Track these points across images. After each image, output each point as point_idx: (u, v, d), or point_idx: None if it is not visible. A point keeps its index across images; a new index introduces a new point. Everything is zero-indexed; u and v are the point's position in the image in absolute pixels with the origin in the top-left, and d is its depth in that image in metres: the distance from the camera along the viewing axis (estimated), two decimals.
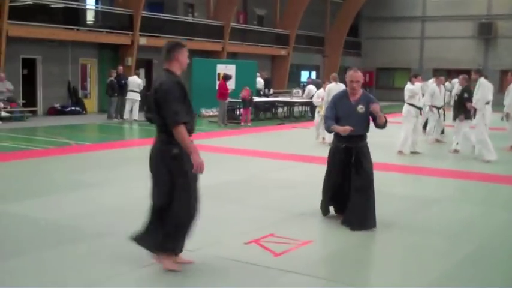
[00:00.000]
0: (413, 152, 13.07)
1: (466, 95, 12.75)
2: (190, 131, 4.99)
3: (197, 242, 5.83)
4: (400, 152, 12.92)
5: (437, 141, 15.13)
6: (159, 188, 5.15)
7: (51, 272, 5.11)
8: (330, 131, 6.95)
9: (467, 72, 35.29)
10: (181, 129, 4.85)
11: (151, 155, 5.18)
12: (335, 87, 13.05)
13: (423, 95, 14.44)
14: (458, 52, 39.13)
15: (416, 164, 11.80)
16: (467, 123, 12.79)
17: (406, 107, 13.11)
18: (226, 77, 20.20)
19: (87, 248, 5.77)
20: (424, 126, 15.55)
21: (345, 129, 6.53)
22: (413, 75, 13.63)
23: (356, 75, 6.75)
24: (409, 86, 13.13)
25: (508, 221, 7.36)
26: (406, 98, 13.10)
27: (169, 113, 4.87)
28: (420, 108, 13.26)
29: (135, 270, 5.16)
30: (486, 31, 38.22)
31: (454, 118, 13.12)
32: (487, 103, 12.28)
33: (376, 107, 6.56)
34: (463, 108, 12.76)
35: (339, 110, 6.79)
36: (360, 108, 6.66)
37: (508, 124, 14.08)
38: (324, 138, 14.30)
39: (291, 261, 5.37)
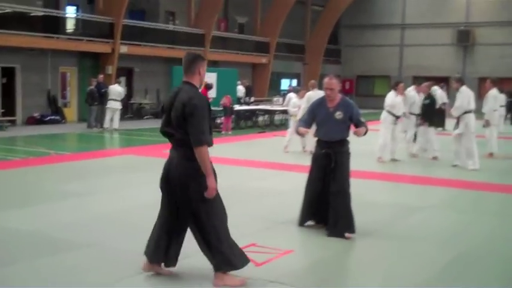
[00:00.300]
0: (393, 160, 13.18)
1: (427, 101, 13.67)
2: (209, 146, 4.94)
3: (182, 251, 5.83)
4: (380, 159, 13.02)
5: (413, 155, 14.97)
6: (181, 204, 5.03)
7: (43, 282, 5.08)
8: (297, 132, 7.24)
9: (446, 79, 35.60)
10: (205, 150, 4.78)
11: (170, 169, 5.01)
12: (314, 95, 13.09)
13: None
14: (437, 59, 39.54)
15: (396, 172, 11.90)
16: (432, 130, 13.63)
17: (384, 113, 13.23)
18: (208, 86, 20.18)
19: (78, 258, 5.74)
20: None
21: (300, 130, 6.92)
22: (395, 83, 13.51)
23: (330, 82, 6.84)
24: (391, 96, 13.15)
25: (491, 228, 7.43)
26: (386, 105, 13.20)
27: (196, 131, 4.76)
28: (398, 117, 13.29)
29: (127, 279, 5.14)
30: (465, 38, 38.68)
31: (419, 125, 13.86)
32: (469, 112, 12.26)
33: (360, 132, 6.74)
34: (427, 115, 13.62)
35: (317, 116, 6.92)
36: (338, 114, 6.74)
37: (488, 131, 14.23)
38: (304, 147, 14.35)
39: (273, 271, 5.38)
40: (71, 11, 25.82)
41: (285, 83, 37.97)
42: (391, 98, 13.11)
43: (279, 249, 6.03)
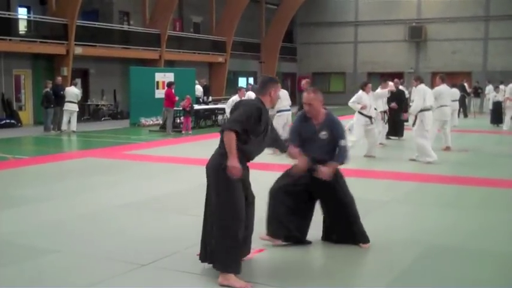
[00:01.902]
0: (368, 156, 13.29)
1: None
2: (248, 157, 5.25)
3: (149, 255, 5.82)
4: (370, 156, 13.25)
5: (381, 144, 15.26)
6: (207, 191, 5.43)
7: None
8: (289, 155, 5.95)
9: (401, 75, 36.22)
10: (231, 134, 4.99)
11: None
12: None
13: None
14: (391, 55, 40.22)
15: (365, 168, 12.05)
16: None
17: (356, 115, 13.15)
18: (170, 84, 20.11)
19: (44, 265, 5.63)
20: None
21: (291, 152, 5.78)
22: (364, 84, 13.46)
23: (307, 97, 6.03)
24: (361, 95, 13.09)
25: (452, 221, 7.60)
26: (357, 107, 13.08)
27: (231, 119, 5.11)
28: (370, 117, 13.19)
29: (98, 285, 5.10)
30: (417, 34, 39.39)
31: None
32: (426, 109, 12.47)
33: (325, 172, 5.90)
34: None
35: (302, 132, 6.13)
36: (323, 134, 6.04)
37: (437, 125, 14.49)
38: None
39: (246, 271, 5.40)
40: (22, 13, 25.34)
41: (242, 82, 38.02)
42: (359, 96, 13.09)
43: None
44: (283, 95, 13.62)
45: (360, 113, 13.02)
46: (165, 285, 5.15)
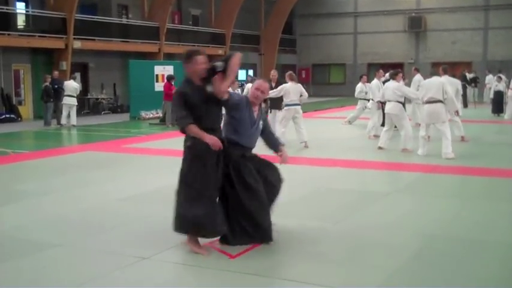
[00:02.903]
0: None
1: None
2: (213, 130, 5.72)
3: (151, 248, 5.80)
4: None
5: (375, 136, 15.15)
6: None
7: (15, 284, 4.98)
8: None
9: (401, 65, 36.02)
10: (191, 128, 5.58)
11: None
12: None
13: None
14: (391, 46, 40.12)
15: (358, 158, 12.01)
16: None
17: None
18: (170, 78, 20.06)
19: (47, 259, 5.61)
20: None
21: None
22: (395, 73, 13.12)
23: (263, 84, 6.09)
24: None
25: (456, 210, 7.58)
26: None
27: (175, 117, 5.75)
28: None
29: (101, 279, 5.08)
30: (416, 25, 39.28)
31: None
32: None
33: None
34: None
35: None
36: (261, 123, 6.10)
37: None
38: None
39: (248, 263, 5.38)
40: (20, 7, 25.25)
41: (241, 74, 37.91)
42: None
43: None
44: (293, 89, 13.43)
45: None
46: (167, 278, 5.13)
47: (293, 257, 5.66)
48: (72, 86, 20.17)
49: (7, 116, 22.00)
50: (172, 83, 19.59)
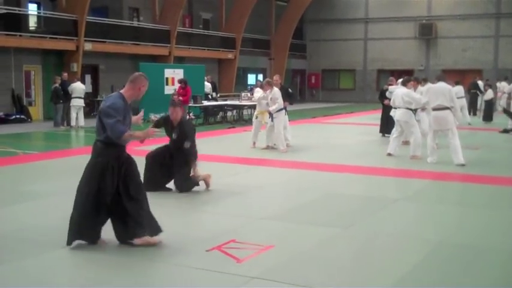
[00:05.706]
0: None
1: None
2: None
3: (159, 251, 5.80)
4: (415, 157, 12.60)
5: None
6: None
7: (32, 283, 4.99)
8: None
9: (411, 72, 35.76)
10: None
11: None
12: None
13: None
14: (401, 53, 40.05)
15: (369, 165, 11.97)
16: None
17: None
18: (181, 81, 20.17)
19: (46, 261, 5.63)
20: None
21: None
22: (407, 80, 13.37)
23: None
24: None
25: (464, 218, 7.54)
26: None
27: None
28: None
29: (101, 282, 5.08)
30: (427, 32, 39.20)
31: None
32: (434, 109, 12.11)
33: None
34: None
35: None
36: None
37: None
38: (255, 143, 14.38)
39: (255, 267, 5.37)
40: (33, 9, 25.40)
41: (251, 78, 37.98)
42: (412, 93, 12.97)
43: (259, 245, 6.01)
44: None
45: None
46: (174, 281, 5.13)
47: (301, 261, 5.65)
48: (80, 87, 20.32)
49: (17, 116, 22.13)
50: (187, 85, 19.72)
